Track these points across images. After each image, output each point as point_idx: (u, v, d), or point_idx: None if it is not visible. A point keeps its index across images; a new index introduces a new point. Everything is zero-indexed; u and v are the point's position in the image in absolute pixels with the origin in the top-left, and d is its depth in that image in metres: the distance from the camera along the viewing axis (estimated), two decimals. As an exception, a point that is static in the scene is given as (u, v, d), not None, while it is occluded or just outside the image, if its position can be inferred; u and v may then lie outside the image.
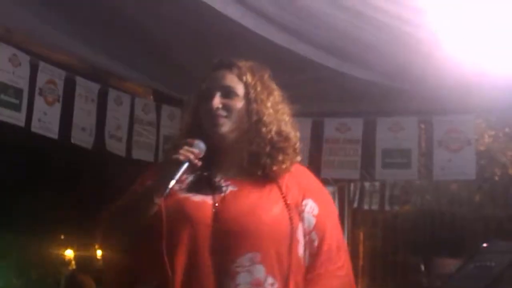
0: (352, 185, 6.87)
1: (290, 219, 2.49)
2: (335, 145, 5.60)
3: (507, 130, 7.31)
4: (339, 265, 2.55)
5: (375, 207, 7.56)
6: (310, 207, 2.57)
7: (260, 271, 2.42)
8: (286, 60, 4.43)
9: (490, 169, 7.34)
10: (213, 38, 4.19)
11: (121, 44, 4.76)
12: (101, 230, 2.62)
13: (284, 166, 2.57)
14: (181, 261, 2.44)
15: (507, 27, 3.89)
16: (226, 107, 2.58)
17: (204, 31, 4.22)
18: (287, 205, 2.51)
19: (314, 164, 5.53)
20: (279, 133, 2.59)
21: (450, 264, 4.27)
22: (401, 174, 5.66)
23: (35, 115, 4.58)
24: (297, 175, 2.62)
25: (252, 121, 2.58)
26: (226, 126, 2.57)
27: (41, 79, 4.62)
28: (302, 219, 2.54)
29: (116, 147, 5.18)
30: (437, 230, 7.30)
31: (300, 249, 2.52)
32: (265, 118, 2.59)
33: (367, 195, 7.37)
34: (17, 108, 4.46)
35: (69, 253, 13.39)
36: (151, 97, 5.56)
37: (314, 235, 2.54)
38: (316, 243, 2.54)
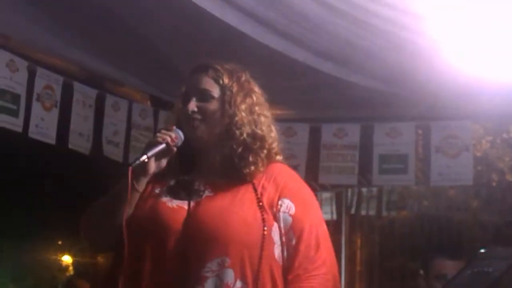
0: (349, 191, 6.87)
1: (263, 220, 2.49)
2: (333, 150, 5.60)
3: (504, 136, 7.32)
4: (318, 263, 2.51)
5: (372, 212, 7.56)
6: (287, 207, 2.55)
7: (229, 275, 2.42)
8: (284, 66, 4.44)
9: (488, 175, 7.34)
10: (211, 43, 4.19)
11: (118, 50, 4.76)
12: (83, 224, 2.66)
13: (254, 167, 2.57)
14: (147, 266, 2.46)
15: (506, 33, 3.90)
16: (201, 111, 2.61)
17: (201, 36, 4.22)
18: (260, 207, 2.51)
19: (312, 169, 5.53)
20: (253, 134, 2.60)
21: (447, 266, 4.25)
22: (397, 180, 5.66)
23: (33, 121, 4.58)
24: (275, 174, 2.61)
25: (225, 123, 2.60)
26: (201, 129, 2.60)
27: (38, 85, 4.62)
28: (278, 219, 2.53)
29: (113, 153, 5.17)
30: (435, 235, 7.31)
31: (276, 250, 2.51)
32: (237, 119, 2.60)
33: (364, 201, 7.38)
34: (14, 113, 4.45)
35: (66, 259, 13.37)
36: (149, 102, 5.56)
37: (291, 235, 2.52)
38: (293, 243, 2.52)
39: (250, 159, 2.57)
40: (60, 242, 13.44)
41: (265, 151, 2.61)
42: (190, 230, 2.46)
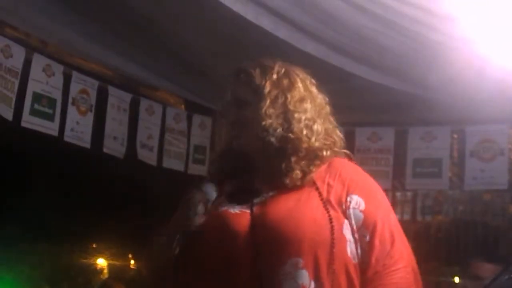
0: (383, 195, 6.82)
1: (330, 219, 2.40)
2: (366, 154, 5.58)
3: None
4: (396, 257, 2.41)
5: (407, 217, 7.50)
6: (356, 203, 2.45)
7: (304, 276, 2.35)
8: (318, 70, 4.42)
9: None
10: (246, 48, 4.20)
11: (153, 54, 4.79)
12: (148, 260, 2.60)
13: (296, 173, 2.46)
14: (219, 276, 2.40)
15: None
16: (240, 120, 2.51)
17: (236, 41, 4.23)
18: (325, 205, 2.42)
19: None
20: (285, 138, 2.48)
21: (484, 268, 4.24)
22: (432, 184, 5.63)
23: (68, 125, 4.63)
24: (339, 170, 2.51)
25: (259, 130, 2.48)
26: (245, 138, 2.51)
27: (74, 89, 4.67)
28: (348, 216, 2.43)
29: (147, 156, 5.20)
30: (470, 240, 7.25)
31: (349, 248, 2.41)
32: (265, 124, 2.47)
33: (398, 205, 7.33)
34: (50, 117, 4.50)
35: (101, 262, 13.44)
36: (183, 106, 5.58)
37: (364, 231, 2.42)
38: (367, 239, 2.42)
39: (291, 165, 2.46)
40: (94, 245, 13.52)
41: (300, 154, 2.48)
42: (260, 234, 2.39)
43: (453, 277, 4.25)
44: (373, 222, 2.44)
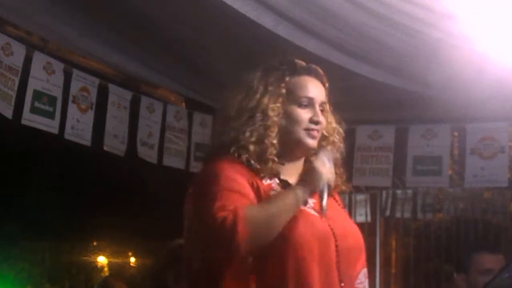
0: (384, 193, 6.83)
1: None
2: (367, 152, 5.59)
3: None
4: None
5: (407, 215, 7.50)
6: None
7: (368, 285, 2.50)
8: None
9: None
10: (246, 46, 4.20)
11: (154, 52, 4.79)
12: (243, 232, 2.30)
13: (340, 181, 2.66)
14: (316, 275, 2.36)
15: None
16: (322, 123, 2.61)
17: (237, 39, 4.23)
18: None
19: (346, 171, 5.51)
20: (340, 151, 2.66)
21: (490, 260, 4.21)
22: (432, 181, 5.64)
23: (69, 123, 4.63)
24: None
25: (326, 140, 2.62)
26: (316, 142, 2.58)
27: (74, 87, 4.67)
28: None
29: (148, 154, 5.20)
30: (471, 238, 7.25)
31: None
32: (332, 138, 2.65)
33: (399, 203, 7.31)
34: (51, 115, 4.50)
35: (102, 260, 13.46)
36: (183, 104, 5.58)
37: None
38: None
39: (338, 172, 2.65)
40: (95, 243, 13.54)
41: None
42: (342, 241, 2.43)
43: (456, 274, 4.24)
44: None
